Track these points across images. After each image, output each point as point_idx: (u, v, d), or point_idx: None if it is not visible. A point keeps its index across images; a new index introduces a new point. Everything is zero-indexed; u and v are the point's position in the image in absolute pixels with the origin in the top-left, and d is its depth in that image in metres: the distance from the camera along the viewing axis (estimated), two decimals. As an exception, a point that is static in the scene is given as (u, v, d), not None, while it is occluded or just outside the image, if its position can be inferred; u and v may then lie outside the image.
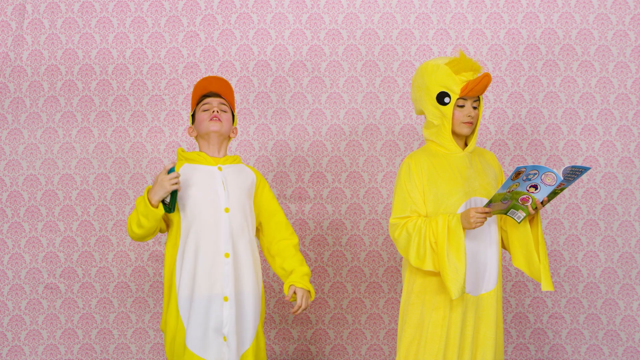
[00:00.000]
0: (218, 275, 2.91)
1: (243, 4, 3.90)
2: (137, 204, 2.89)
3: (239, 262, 2.95)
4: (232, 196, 2.98)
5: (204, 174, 2.99)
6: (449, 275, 2.73)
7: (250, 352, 2.96)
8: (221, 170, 3.01)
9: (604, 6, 3.82)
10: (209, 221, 2.94)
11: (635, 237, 3.83)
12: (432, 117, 2.87)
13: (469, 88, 2.79)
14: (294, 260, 3.04)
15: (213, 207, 2.95)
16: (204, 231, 2.94)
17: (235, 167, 3.06)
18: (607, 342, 3.84)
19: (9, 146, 3.93)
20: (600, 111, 3.84)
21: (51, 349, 3.93)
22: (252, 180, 3.07)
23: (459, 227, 2.74)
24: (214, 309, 2.91)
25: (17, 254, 3.93)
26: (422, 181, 2.85)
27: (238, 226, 2.97)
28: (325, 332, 3.91)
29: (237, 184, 3.01)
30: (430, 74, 2.85)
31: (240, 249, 2.96)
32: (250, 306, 2.96)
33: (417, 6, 3.87)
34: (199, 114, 3.03)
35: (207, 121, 2.99)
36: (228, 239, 2.93)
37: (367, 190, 3.89)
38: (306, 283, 3.00)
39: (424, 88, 2.87)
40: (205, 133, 3.01)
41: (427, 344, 2.84)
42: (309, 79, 3.89)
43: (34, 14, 3.93)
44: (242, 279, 2.95)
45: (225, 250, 2.92)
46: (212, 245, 2.93)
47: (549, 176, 2.64)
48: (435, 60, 2.89)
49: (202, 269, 2.92)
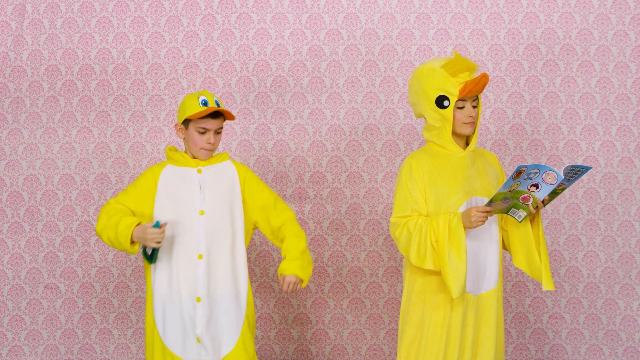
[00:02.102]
0: (191, 276, 2.94)
1: (243, 4, 3.90)
2: (119, 232, 2.90)
3: (213, 263, 2.96)
4: (209, 198, 2.99)
5: (182, 177, 3.03)
6: (450, 274, 2.73)
7: (233, 355, 2.96)
8: (200, 172, 3.03)
9: (604, 6, 3.83)
10: (184, 223, 2.97)
11: (635, 237, 3.83)
12: (433, 121, 2.86)
13: (467, 89, 2.78)
14: (288, 242, 3.02)
15: (188, 210, 2.98)
16: (179, 233, 2.98)
17: (218, 167, 3.07)
18: (607, 342, 3.84)
19: (9, 146, 3.93)
20: (600, 111, 3.84)
21: (51, 349, 3.93)
22: (234, 179, 3.06)
23: (459, 226, 2.74)
24: (187, 309, 2.94)
25: (17, 254, 3.93)
26: (423, 181, 2.85)
27: (215, 228, 2.98)
28: (325, 332, 3.91)
29: (217, 186, 3.03)
30: (427, 78, 2.84)
31: (217, 250, 2.97)
32: (227, 308, 2.97)
33: (417, 6, 3.87)
34: (193, 131, 3.00)
35: (199, 149, 3.01)
36: (202, 241, 2.96)
37: (367, 190, 3.89)
38: (294, 269, 2.97)
39: (421, 93, 2.86)
40: (192, 152, 3.04)
41: (427, 343, 2.84)
42: (309, 79, 3.89)
43: (34, 14, 3.93)
44: (216, 281, 2.96)
45: (199, 252, 2.95)
46: (186, 247, 2.96)
47: (550, 175, 2.64)
48: (430, 63, 2.87)
49: (176, 270, 2.96)
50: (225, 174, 3.07)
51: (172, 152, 3.09)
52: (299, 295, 3.89)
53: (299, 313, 3.90)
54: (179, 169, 3.05)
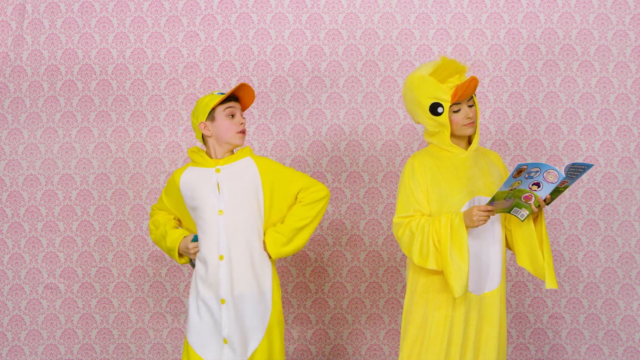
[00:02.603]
0: (214, 278, 2.94)
1: (243, 4, 3.90)
2: (168, 248, 3.05)
3: (236, 264, 2.95)
4: (228, 198, 2.97)
5: (201, 177, 3.01)
6: (452, 273, 2.73)
7: (258, 353, 2.95)
8: (219, 172, 3.00)
9: (604, 6, 3.83)
10: (205, 225, 2.97)
11: (635, 237, 3.83)
12: (431, 127, 2.86)
13: (458, 95, 2.78)
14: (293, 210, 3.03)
15: (208, 211, 2.97)
16: (202, 234, 2.98)
17: (238, 165, 3.02)
18: (607, 342, 3.84)
19: (9, 146, 3.93)
20: (600, 111, 3.84)
21: (51, 349, 3.92)
22: (254, 177, 3.01)
23: (461, 226, 2.74)
24: (213, 311, 2.94)
25: (17, 254, 3.93)
26: (426, 181, 2.85)
27: (235, 228, 2.96)
28: (325, 332, 3.91)
29: (236, 185, 2.99)
30: (418, 87, 2.83)
31: (239, 251, 2.95)
32: (253, 308, 2.95)
33: (417, 6, 3.87)
34: (222, 119, 2.97)
35: (236, 133, 2.97)
36: (223, 242, 2.95)
37: (367, 190, 3.89)
38: (269, 240, 3.00)
39: (415, 102, 2.85)
40: (227, 142, 3.00)
41: (429, 343, 2.84)
42: (309, 79, 3.89)
43: (34, 14, 3.93)
44: (240, 282, 2.95)
45: (220, 253, 2.94)
46: (207, 248, 2.96)
47: (551, 174, 2.64)
48: (419, 71, 2.85)
49: (202, 271, 2.97)
50: (244, 172, 3.01)
51: (193, 153, 3.06)
52: (298, 295, 3.89)
53: (299, 313, 3.90)
54: (198, 170, 3.02)
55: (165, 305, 3.91)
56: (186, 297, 3.89)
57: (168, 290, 3.91)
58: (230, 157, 3.02)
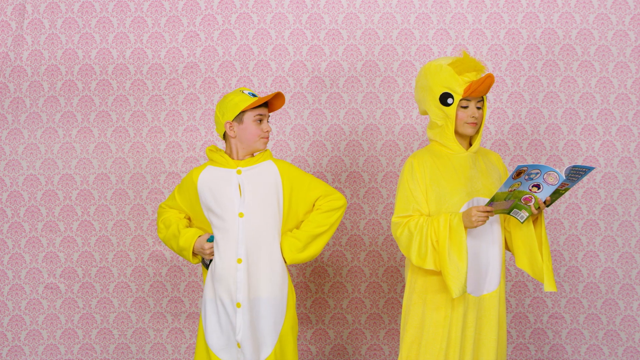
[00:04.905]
0: (231, 281, 2.91)
1: (243, 4, 3.90)
2: (181, 247, 3.00)
3: (254, 268, 2.92)
4: (249, 200, 2.93)
5: (222, 178, 2.97)
6: (450, 274, 2.73)
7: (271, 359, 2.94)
8: (240, 173, 2.97)
9: (604, 6, 3.83)
10: (225, 227, 2.93)
11: (635, 237, 3.83)
12: (436, 118, 2.86)
13: (472, 89, 2.78)
14: (311, 216, 3.02)
15: (229, 212, 2.93)
16: (221, 236, 2.94)
17: (259, 167, 2.99)
18: (607, 342, 3.84)
19: (9, 146, 3.93)
20: (600, 111, 3.84)
21: (51, 349, 3.93)
22: (276, 180, 2.99)
23: (460, 226, 2.74)
24: (229, 314, 2.92)
25: (17, 254, 3.93)
26: (425, 181, 2.85)
27: (254, 231, 2.93)
28: (325, 332, 3.91)
29: (257, 187, 2.96)
30: (434, 74, 2.84)
31: (257, 254, 2.93)
32: (268, 313, 2.93)
33: (417, 6, 3.87)
34: (250, 123, 2.94)
35: (260, 139, 2.96)
36: (242, 244, 2.91)
37: (367, 190, 3.89)
38: (284, 247, 2.98)
39: (427, 89, 2.86)
40: (250, 146, 2.98)
41: (428, 343, 2.84)
42: (309, 79, 3.89)
43: (34, 14, 3.93)
44: (257, 286, 2.92)
45: (238, 256, 2.91)
46: (226, 250, 2.92)
47: (552, 175, 2.64)
48: (438, 60, 2.88)
49: (219, 274, 2.93)
50: (265, 174, 2.98)
51: (212, 152, 3.02)
52: (298, 295, 3.89)
53: (299, 313, 3.90)
54: (219, 170, 2.99)
55: (166, 305, 3.91)
56: (186, 297, 3.89)
57: (168, 290, 3.91)
58: (252, 160, 2.99)
